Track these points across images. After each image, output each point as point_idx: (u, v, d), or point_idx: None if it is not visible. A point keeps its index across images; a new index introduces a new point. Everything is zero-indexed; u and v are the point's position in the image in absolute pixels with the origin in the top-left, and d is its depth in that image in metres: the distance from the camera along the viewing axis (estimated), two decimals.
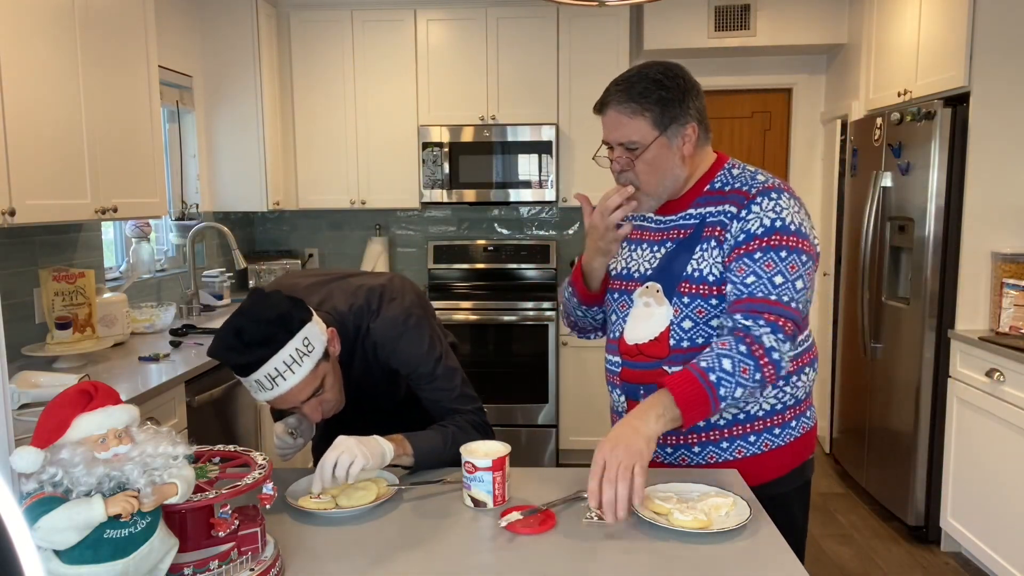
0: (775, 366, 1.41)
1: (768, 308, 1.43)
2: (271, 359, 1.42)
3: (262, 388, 1.46)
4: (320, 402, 1.54)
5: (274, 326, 1.43)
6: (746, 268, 1.46)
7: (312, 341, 1.47)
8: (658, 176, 1.53)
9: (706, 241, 1.52)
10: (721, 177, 1.57)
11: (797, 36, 4.33)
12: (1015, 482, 2.76)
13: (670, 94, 1.49)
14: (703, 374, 1.38)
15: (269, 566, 1.14)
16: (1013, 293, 2.95)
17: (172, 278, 3.82)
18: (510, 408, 4.23)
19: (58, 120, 2.41)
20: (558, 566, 1.20)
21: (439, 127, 4.35)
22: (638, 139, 1.50)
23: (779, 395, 1.57)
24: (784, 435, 1.60)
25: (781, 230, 1.46)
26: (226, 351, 1.44)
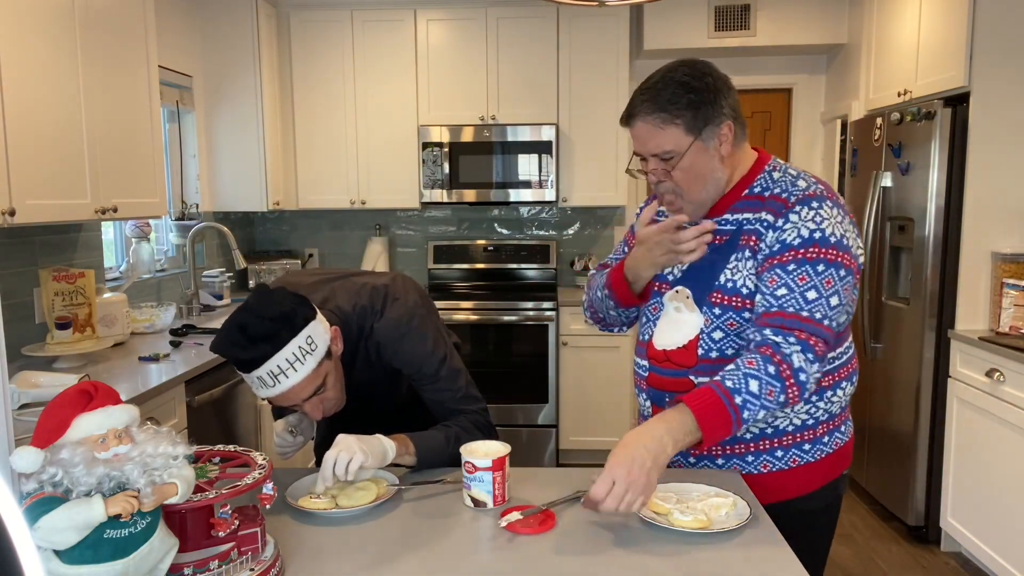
0: (800, 388, 1.34)
1: (799, 325, 1.35)
2: (274, 356, 1.42)
3: (264, 385, 1.45)
4: (321, 400, 1.54)
5: (278, 323, 1.42)
6: (778, 279, 1.38)
7: (315, 339, 1.47)
8: (699, 183, 1.45)
9: (741, 251, 1.45)
10: (761, 181, 1.48)
11: (797, 36, 4.33)
12: (1015, 482, 2.76)
13: (700, 96, 1.40)
14: (728, 396, 1.32)
15: (269, 566, 1.14)
16: (1013, 293, 2.95)
17: (172, 278, 3.82)
18: (510, 408, 4.23)
19: (58, 120, 2.41)
20: (558, 566, 1.20)
21: (439, 127, 4.35)
22: (672, 148, 1.41)
23: (811, 410, 1.50)
24: (815, 451, 1.53)
25: (820, 242, 1.38)
26: (229, 346, 1.44)
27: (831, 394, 1.52)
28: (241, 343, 1.42)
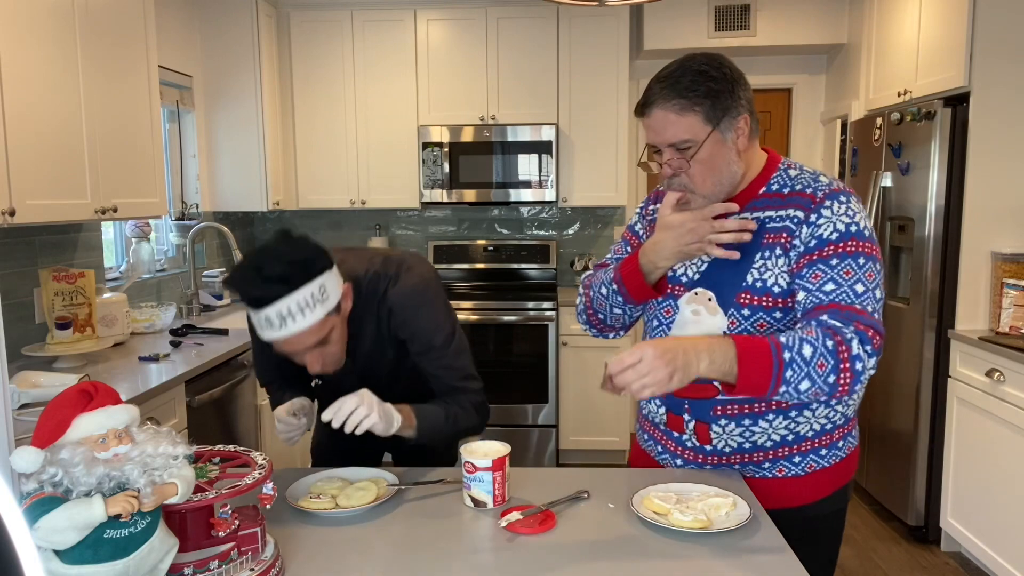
0: (854, 376, 1.28)
1: (856, 317, 1.30)
2: (285, 297, 1.42)
3: (270, 326, 1.45)
4: (322, 354, 1.53)
5: (295, 267, 1.43)
6: (822, 275, 1.34)
7: (328, 290, 1.47)
8: (715, 176, 1.40)
9: (768, 249, 1.41)
10: (778, 179, 1.45)
11: (797, 36, 4.33)
12: (1015, 482, 2.76)
13: (719, 85, 1.37)
14: (779, 348, 1.27)
15: (269, 566, 1.14)
16: (1013, 293, 2.95)
17: (172, 278, 3.82)
18: (510, 408, 4.23)
19: (58, 120, 2.41)
20: (558, 566, 1.20)
21: (439, 127, 4.35)
22: (690, 137, 1.37)
23: (830, 414, 1.47)
24: (830, 456, 1.50)
25: (857, 235, 1.35)
26: (242, 281, 1.44)
27: (850, 398, 1.49)
28: (255, 281, 1.42)
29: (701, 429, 1.50)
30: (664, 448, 1.59)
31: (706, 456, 1.52)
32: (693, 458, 1.54)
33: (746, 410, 1.45)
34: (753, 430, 1.47)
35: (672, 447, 1.57)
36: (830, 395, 1.30)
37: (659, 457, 1.62)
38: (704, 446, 1.51)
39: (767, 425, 1.46)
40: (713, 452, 1.51)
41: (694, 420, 1.50)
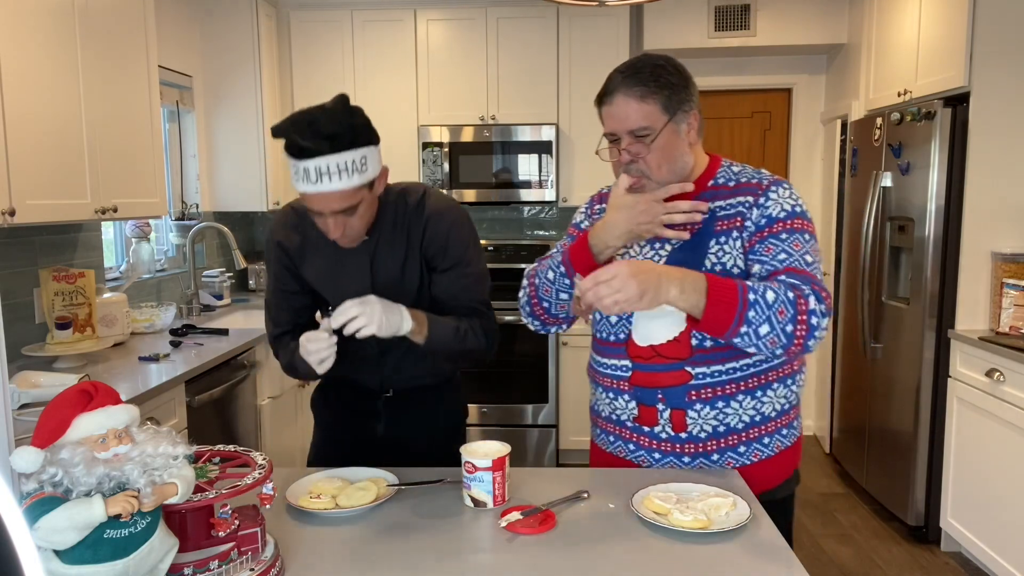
0: (809, 330, 1.36)
1: (811, 280, 1.41)
2: (328, 156, 1.46)
3: (307, 178, 1.48)
4: (345, 224, 1.56)
5: (345, 130, 1.48)
6: (775, 247, 1.44)
7: (368, 163, 1.52)
8: (669, 163, 1.50)
9: (724, 234, 1.50)
10: (723, 173, 1.57)
11: (797, 36, 4.33)
12: (1015, 482, 2.76)
13: (675, 79, 1.49)
14: (744, 289, 1.35)
15: (269, 566, 1.14)
16: (1013, 293, 2.95)
17: (172, 278, 3.82)
18: (510, 408, 4.23)
19: (58, 120, 2.41)
20: (558, 566, 1.20)
21: (439, 127, 4.35)
22: (649, 124, 1.47)
23: (787, 394, 1.57)
24: (789, 436, 1.60)
25: (801, 216, 1.48)
26: (293, 130, 1.48)
27: (800, 377, 1.60)
28: (304, 132, 1.47)
29: (677, 416, 1.53)
30: (637, 445, 1.60)
31: (682, 445, 1.55)
32: (670, 449, 1.56)
33: (719, 392, 1.51)
34: (726, 412, 1.52)
35: (645, 442, 1.59)
36: (786, 347, 1.37)
37: (631, 456, 1.62)
38: (680, 434, 1.54)
39: (738, 406, 1.53)
40: (689, 439, 1.54)
41: (669, 409, 1.54)
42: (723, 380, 1.51)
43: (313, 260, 1.74)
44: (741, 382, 1.51)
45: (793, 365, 1.58)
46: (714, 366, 1.50)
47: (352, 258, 1.70)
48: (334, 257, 1.71)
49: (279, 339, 1.80)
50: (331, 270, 1.73)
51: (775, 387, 1.54)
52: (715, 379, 1.50)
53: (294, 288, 1.77)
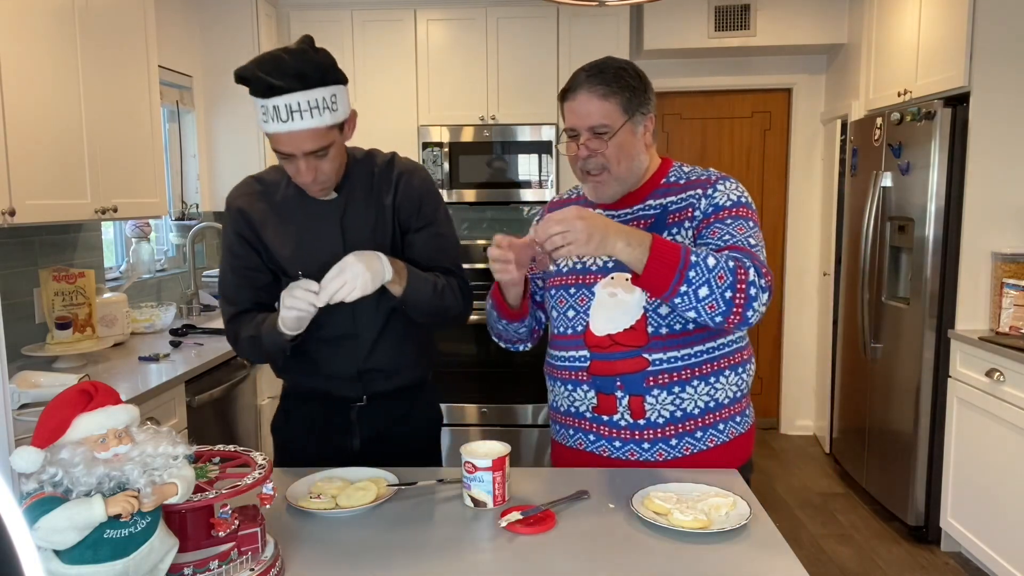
0: (747, 300, 1.42)
1: (752, 256, 1.47)
2: (298, 92, 1.45)
3: (276, 117, 1.47)
4: (317, 168, 1.54)
5: (313, 68, 1.47)
6: (720, 231, 1.52)
7: (339, 101, 1.52)
8: (627, 160, 1.58)
9: (675, 226, 1.57)
10: (675, 172, 1.65)
11: (797, 36, 4.33)
12: (1015, 482, 2.76)
13: (635, 83, 1.57)
14: (687, 251, 1.41)
15: (269, 566, 1.14)
16: (1013, 293, 2.95)
17: (172, 278, 3.82)
18: (510, 408, 4.23)
19: (58, 120, 2.41)
20: (558, 566, 1.20)
21: (439, 127, 4.35)
22: (609, 122, 1.54)
23: (738, 382, 1.63)
24: (743, 423, 1.66)
25: (746, 205, 1.57)
26: (259, 68, 1.46)
27: (748, 367, 1.66)
28: (271, 71, 1.45)
29: (635, 403, 1.58)
30: (597, 435, 1.63)
31: (641, 431, 1.59)
32: (629, 436, 1.60)
33: (675, 378, 1.56)
34: (682, 397, 1.57)
35: (605, 432, 1.62)
36: (725, 314, 1.42)
37: (592, 447, 1.65)
38: (638, 421, 1.58)
39: (693, 391, 1.58)
40: (648, 426, 1.58)
41: (627, 395, 1.58)
42: (679, 366, 1.56)
43: (278, 227, 1.68)
44: (696, 368, 1.57)
45: (743, 353, 1.64)
46: (670, 352, 1.56)
47: (321, 222, 1.66)
48: (302, 223, 1.67)
49: (238, 318, 1.71)
50: (299, 236, 1.67)
51: (727, 374, 1.60)
52: (671, 364, 1.56)
53: (254, 263, 1.71)
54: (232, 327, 1.73)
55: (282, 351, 1.63)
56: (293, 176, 1.58)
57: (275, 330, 1.58)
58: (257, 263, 1.71)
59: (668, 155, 1.71)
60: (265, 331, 1.61)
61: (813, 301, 4.83)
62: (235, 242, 1.72)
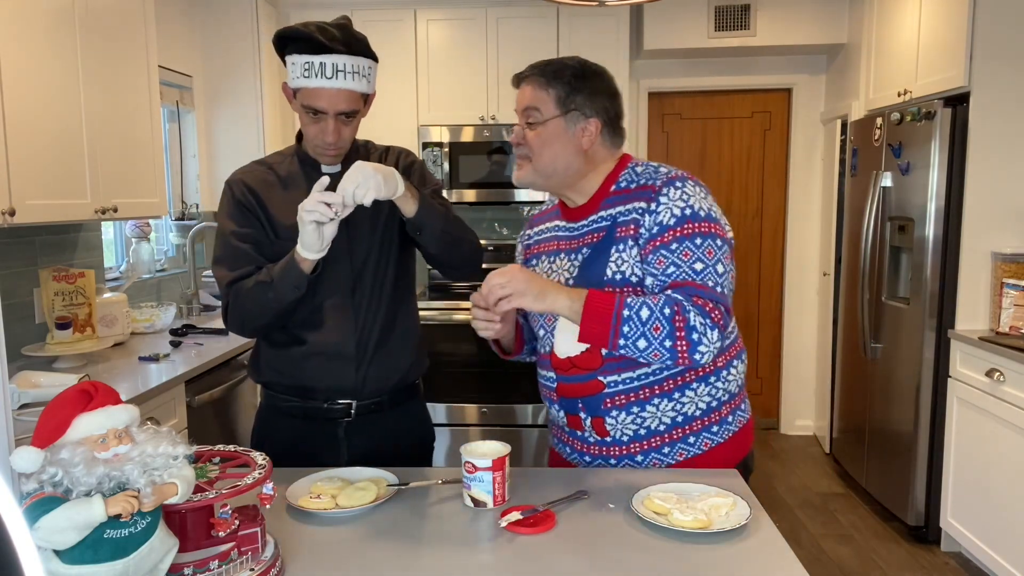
0: (691, 345, 1.40)
1: (696, 291, 1.43)
2: (347, 55, 1.57)
3: (322, 73, 1.56)
4: (341, 130, 1.64)
5: (358, 38, 1.62)
6: (665, 260, 1.47)
7: (372, 77, 1.65)
8: (551, 153, 1.55)
9: (621, 241, 1.52)
10: (625, 176, 1.58)
11: (797, 36, 4.33)
12: (1015, 482, 2.76)
13: (580, 84, 1.54)
14: (620, 307, 1.41)
15: (269, 566, 1.14)
16: (1013, 293, 2.95)
17: (172, 278, 3.82)
18: (510, 408, 4.23)
19: (58, 120, 2.41)
20: (558, 566, 1.20)
21: (439, 127, 4.35)
22: (540, 109, 1.56)
23: (712, 391, 1.57)
24: (722, 432, 1.60)
25: (692, 218, 1.47)
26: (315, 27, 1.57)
27: (726, 373, 1.59)
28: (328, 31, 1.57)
29: (597, 423, 1.58)
30: (572, 448, 1.67)
31: (608, 448, 1.60)
32: (599, 452, 1.61)
33: (632, 398, 1.54)
34: (643, 416, 1.55)
35: (579, 446, 1.65)
36: (672, 359, 1.43)
37: (570, 457, 1.68)
38: (604, 439, 1.59)
39: (655, 409, 1.55)
40: (614, 443, 1.58)
41: (589, 416, 1.59)
42: (635, 386, 1.53)
43: (281, 199, 1.70)
44: (655, 386, 1.53)
45: (716, 363, 1.56)
46: (624, 373, 1.53)
47: None
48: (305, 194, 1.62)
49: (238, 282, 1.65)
50: None
51: (694, 387, 1.55)
52: (627, 386, 1.53)
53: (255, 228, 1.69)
54: (231, 290, 1.67)
55: (296, 289, 1.59)
56: (315, 136, 1.64)
57: (291, 262, 1.56)
58: (258, 229, 1.70)
59: (667, 155, 1.70)
60: (277, 270, 1.59)
61: (813, 301, 4.83)
62: (235, 211, 1.71)
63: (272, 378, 1.78)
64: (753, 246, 4.94)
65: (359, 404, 1.75)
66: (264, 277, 1.61)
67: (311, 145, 1.70)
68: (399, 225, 1.74)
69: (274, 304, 1.62)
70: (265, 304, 1.62)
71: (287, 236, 1.65)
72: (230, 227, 1.70)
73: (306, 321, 1.70)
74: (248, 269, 1.66)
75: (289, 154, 1.79)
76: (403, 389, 1.82)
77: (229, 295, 1.67)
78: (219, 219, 1.76)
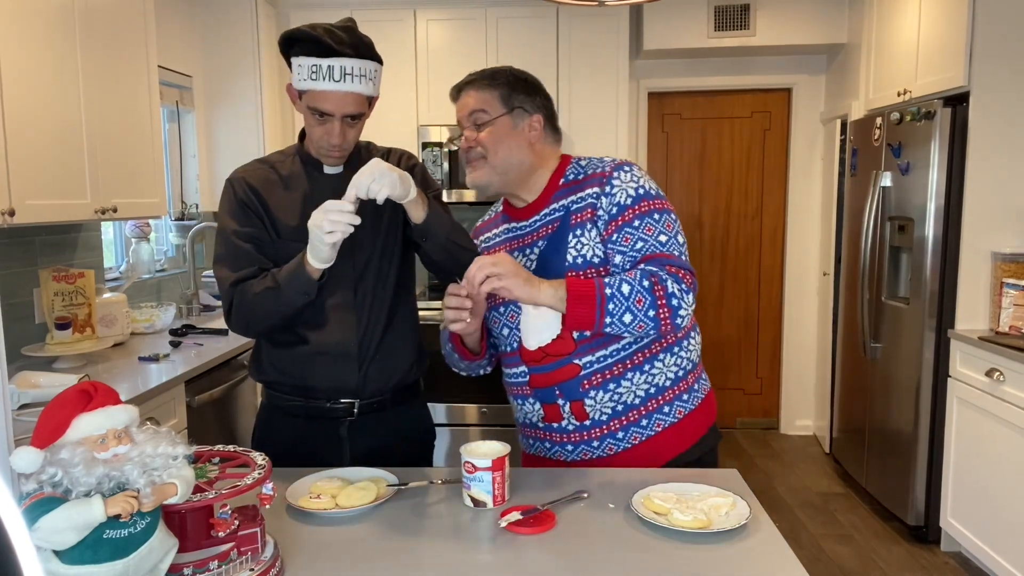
0: (672, 311, 1.47)
1: (668, 261, 1.51)
2: (354, 58, 1.57)
3: (330, 76, 1.56)
4: (346, 132, 1.64)
5: (363, 42, 1.62)
6: (631, 236, 1.54)
7: (377, 81, 1.66)
8: (505, 149, 1.62)
9: (579, 227, 1.59)
10: (572, 169, 1.67)
11: (797, 36, 4.33)
12: (1015, 482, 2.76)
13: (518, 84, 1.65)
14: (601, 286, 1.46)
15: (269, 566, 1.14)
16: (1013, 293, 2.95)
17: (172, 278, 3.82)
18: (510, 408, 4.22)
19: (58, 120, 2.41)
20: (558, 566, 1.20)
21: (439, 127, 4.35)
22: (487, 109, 1.62)
23: (678, 361, 1.64)
24: (692, 399, 1.66)
25: (646, 196, 1.57)
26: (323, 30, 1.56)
27: (687, 343, 1.66)
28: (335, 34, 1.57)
29: (576, 407, 1.61)
30: (552, 443, 1.68)
31: (589, 431, 1.62)
32: (579, 438, 1.63)
33: (608, 375, 1.59)
34: (619, 391, 1.60)
35: (558, 438, 1.67)
36: (655, 328, 1.49)
37: (549, 454, 1.70)
38: (584, 423, 1.62)
39: (629, 384, 1.60)
40: (594, 425, 1.61)
41: (568, 402, 1.62)
42: (609, 363, 1.58)
43: (283, 198, 1.71)
44: (627, 360, 1.59)
45: (678, 334, 1.64)
46: (598, 352, 1.58)
47: (325, 192, 1.63)
48: (307, 194, 1.69)
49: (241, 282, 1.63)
50: (304, 207, 1.66)
51: (662, 357, 1.62)
52: (602, 363, 1.58)
53: (256, 227, 1.68)
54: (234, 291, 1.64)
55: (305, 295, 1.59)
56: (320, 138, 1.64)
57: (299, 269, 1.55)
58: (259, 228, 1.69)
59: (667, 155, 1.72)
60: (285, 276, 1.58)
61: (813, 301, 4.83)
62: (237, 209, 1.70)
63: (274, 377, 1.78)
64: (753, 246, 4.94)
65: (362, 403, 1.75)
66: (271, 283, 1.60)
67: (316, 146, 1.69)
68: (402, 227, 1.75)
69: (283, 309, 1.62)
70: (273, 309, 1.63)
71: (289, 236, 1.66)
72: (232, 226, 1.70)
73: (309, 321, 1.69)
74: (251, 270, 1.65)
75: (291, 153, 1.78)
76: (404, 388, 1.83)
77: (233, 296, 1.65)
78: (220, 217, 1.75)
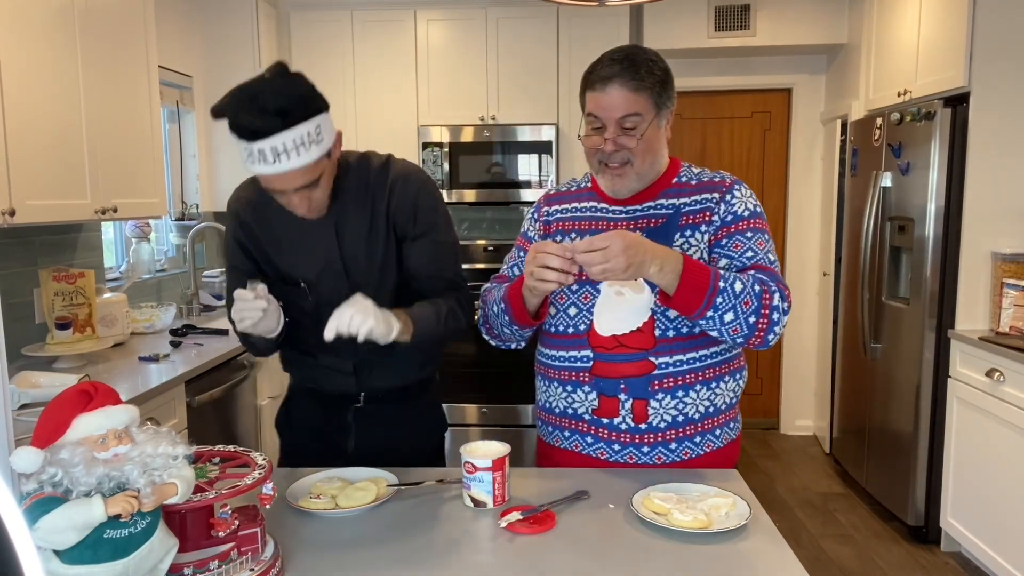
0: (770, 324, 1.45)
1: (777, 277, 1.49)
2: (281, 133, 1.38)
3: (263, 160, 1.41)
4: (309, 198, 1.51)
5: (293, 102, 1.39)
6: (742, 244, 1.52)
7: (323, 131, 1.44)
8: (651, 154, 1.55)
9: (689, 228, 1.55)
10: (685, 172, 1.63)
11: (797, 36, 4.33)
12: (1015, 482, 2.76)
13: (664, 77, 1.53)
14: (716, 276, 1.42)
15: (269, 566, 1.14)
16: (1013, 293, 2.95)
17: (172, 278, 3.82)
18: (510, 408, 4.23)
19: (58, 120, 2.41)
20: (558, 566, 1.20)
21: (439, 127, 4.35)
22: (642, 115, 1.50)
23: (735, 388, 1.64)
24: (734, 429, 1.67)
25: (761, 216, 1.57)
26: (238, 109, 1.39)
27: (739, 376, 1.65)
28: (251, 111, 1.38)
29: (639, 407, 1.56)
30: (596, 438, 1.61)
31: (642, 436, 1.58)
32: (629, 440, 1.58)
33: (679, 382, 1.55)
34: (685, 401, 1.57)
35: (604, 434, 1.60)
36: (747, 337, 1.45)
37: (588, 450, 1.62)
38: (640, 425, 1.57)
39: (696, 396, 1.57)
40: (649, 430, 1.57)
41: (631, 399, 1.56)
42: (684, 370, 1.55)
43: (276, 235, 1.67)
44: (700, 372, 1.56)
45: (740, 360, 1.65)
46: (676, 355, 1.54)
47: (318, 227, 1.62)
48: (300, 230, 1.64)
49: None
50: (297, 244, 1.65)
51: (726, 379, 1.61)
52: (677, 368, 1.55)
53: (250, 269, 1.69)
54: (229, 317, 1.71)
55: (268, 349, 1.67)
56: (285, 206, 1.55)
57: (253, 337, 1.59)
58: (251, 264, 1.71)
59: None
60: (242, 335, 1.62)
61: (813, 301, 4.83)
62: (234, 248, 1.73)
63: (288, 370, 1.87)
64: None
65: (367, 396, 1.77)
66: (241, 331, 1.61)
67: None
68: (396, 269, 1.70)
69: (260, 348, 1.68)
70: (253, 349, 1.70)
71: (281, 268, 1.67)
72: (228, 258, 1.75)
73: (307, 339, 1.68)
74: None
75: None
76: (414, 384, 1.82)
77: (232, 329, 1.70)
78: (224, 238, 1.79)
